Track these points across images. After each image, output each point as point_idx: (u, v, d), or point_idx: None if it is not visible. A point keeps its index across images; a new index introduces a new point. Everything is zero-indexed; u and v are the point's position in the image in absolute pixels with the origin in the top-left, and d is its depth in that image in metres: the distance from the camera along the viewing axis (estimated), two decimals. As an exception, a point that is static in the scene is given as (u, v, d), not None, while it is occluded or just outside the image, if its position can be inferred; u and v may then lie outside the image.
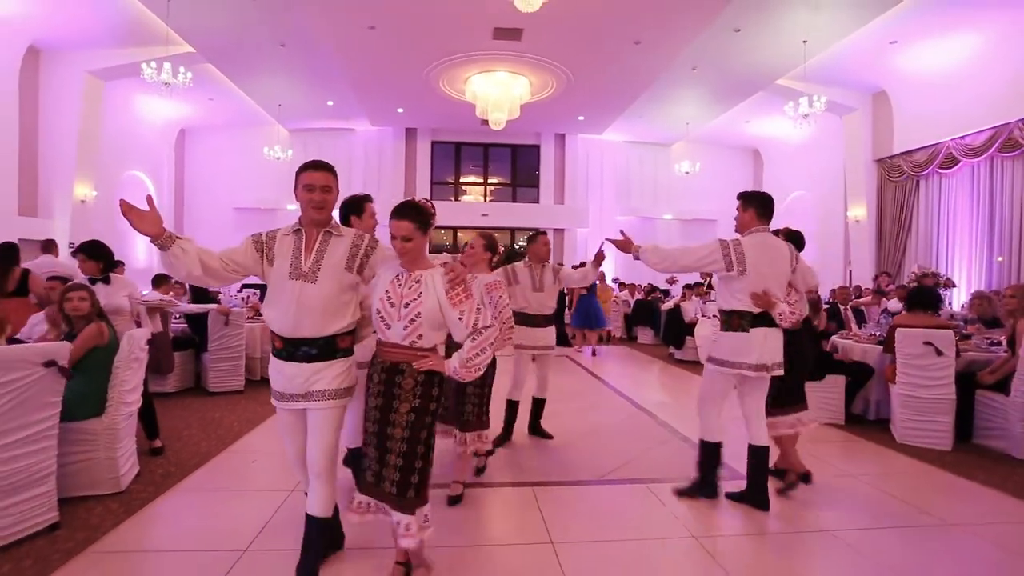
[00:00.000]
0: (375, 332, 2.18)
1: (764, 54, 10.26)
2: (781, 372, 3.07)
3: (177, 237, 2.00)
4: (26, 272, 4.69)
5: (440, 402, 2.15)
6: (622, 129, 15.53)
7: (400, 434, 2.04)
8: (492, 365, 3.21)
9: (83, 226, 10.73)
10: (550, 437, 4.33)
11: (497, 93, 11.39)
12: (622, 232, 3.41)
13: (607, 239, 3.41)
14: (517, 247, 16.30)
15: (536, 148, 16.86)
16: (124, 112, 12.62)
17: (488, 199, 17.30)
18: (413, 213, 2.07)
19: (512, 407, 4.20)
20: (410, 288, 2.07)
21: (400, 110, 14.24)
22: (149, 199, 2.02)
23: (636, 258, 3.27)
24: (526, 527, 2.85)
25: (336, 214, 2.34)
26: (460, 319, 2.03)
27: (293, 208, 15.98)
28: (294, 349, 2.10)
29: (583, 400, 5.87)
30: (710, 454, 3.20)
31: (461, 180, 17.31)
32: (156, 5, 8.54)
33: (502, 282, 3.41)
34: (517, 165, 17.27)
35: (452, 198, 17.10)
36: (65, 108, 10.60)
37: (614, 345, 11.01)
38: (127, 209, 1.93)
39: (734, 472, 3.50)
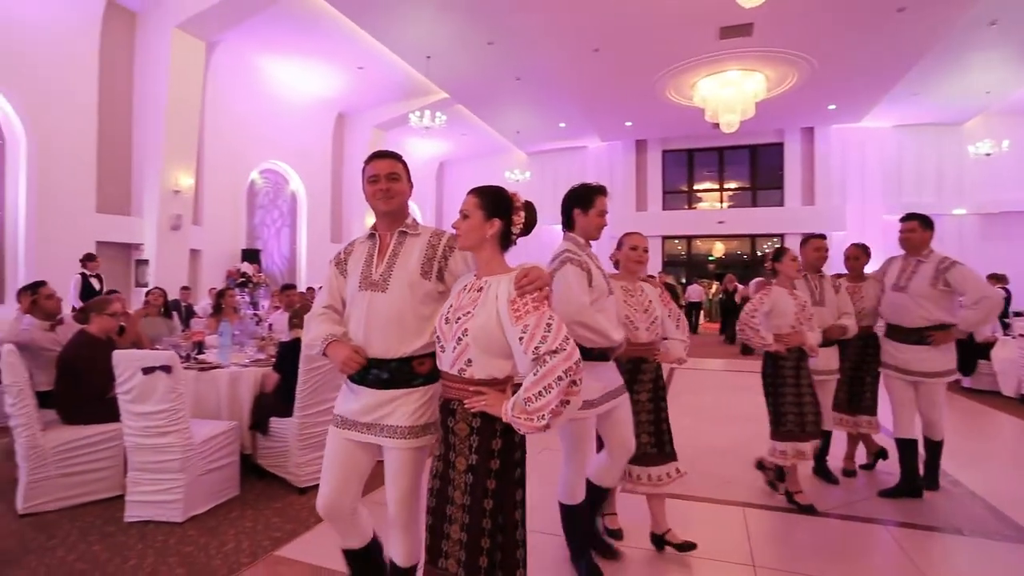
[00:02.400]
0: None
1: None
2: None
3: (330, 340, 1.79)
4: None
5: (512, 459, 1.53)
6: (888, 113, 13.20)
7: (460, 499, 1.49)
8: (660, 380, 2.63)
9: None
10: (934, 488, 3.44)
11: (728, 94, 10.79)
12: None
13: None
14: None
15: (779, 146, 15.37)
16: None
17: (725, 205, 16.32)
18: (483, 190, 1.64)
19: (905, 447, 3.38)
20: (470, 298, 1.57)
21: (628, 123, 14.45)
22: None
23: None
24: (729, 545, 2.71)
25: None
26: (520, 339, 1.43)
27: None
28: (364, 372, 1.73)
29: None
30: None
31: (695, 187, 16.70)
32: (418, 64, 10.35)
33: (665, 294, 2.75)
34: (757, 166, 15.98)
35: (686, 206, 16.61)
36: (360, 157, 13.45)
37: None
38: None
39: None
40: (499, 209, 1.61)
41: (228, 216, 10.80)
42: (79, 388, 3.16)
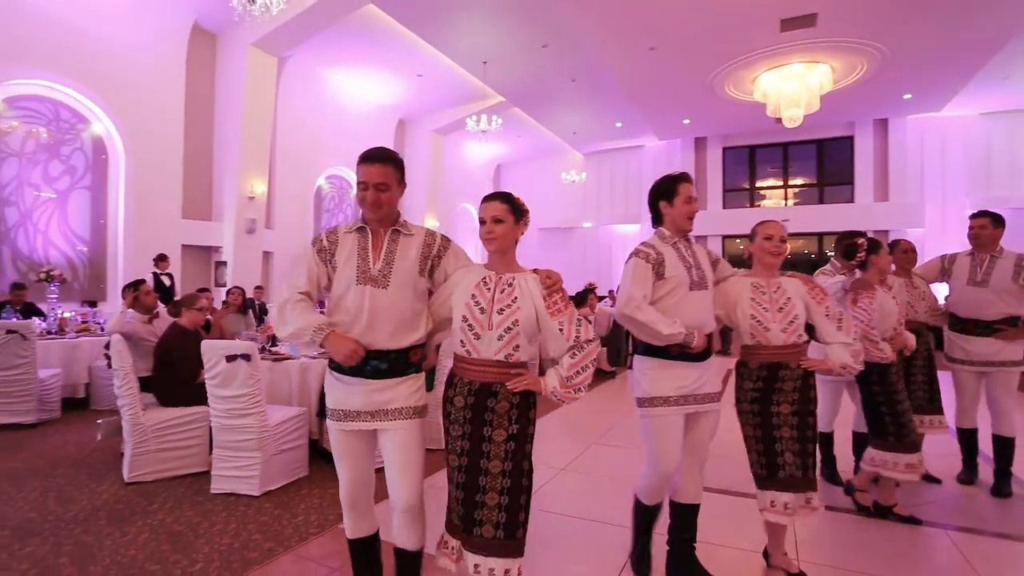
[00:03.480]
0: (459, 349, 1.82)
1: None
2: None
3: (321, 329, 1.79)
4: None
5: (535, 424, 1.81)
6: (973, 100, 12.33)
7: (500, 467, 1.69)
8: (810, 391, 2.31)
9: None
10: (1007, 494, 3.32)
11: (790, 87, 10.42)
12: None
13: None
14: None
15: (848, 140, 14.64)
16: (456, 158, 15.86)
17: (790, 203, 15.73)
18: (505, 197, 1.84)
19: (970, 435, 3.53)
20: (503, 292, 1.77)
21: (686, 121, 14.20)
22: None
23: None
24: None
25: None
26: (560, 330, 1.74)
27: (589, 225, 17.54)
28: (362, 363, 1.80)
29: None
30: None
31: (757, 185, 16.18)
32: (475, 69, 10.63)
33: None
34: (824, 162, 15.27)
35: (747, 204, 16.12)
36: (419, 161, 13.95)
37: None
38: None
39: None
40: (520, 213, 1.85)
41: (297, 220, 11.47)
42: (172, 374, 3.56)
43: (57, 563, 2.44)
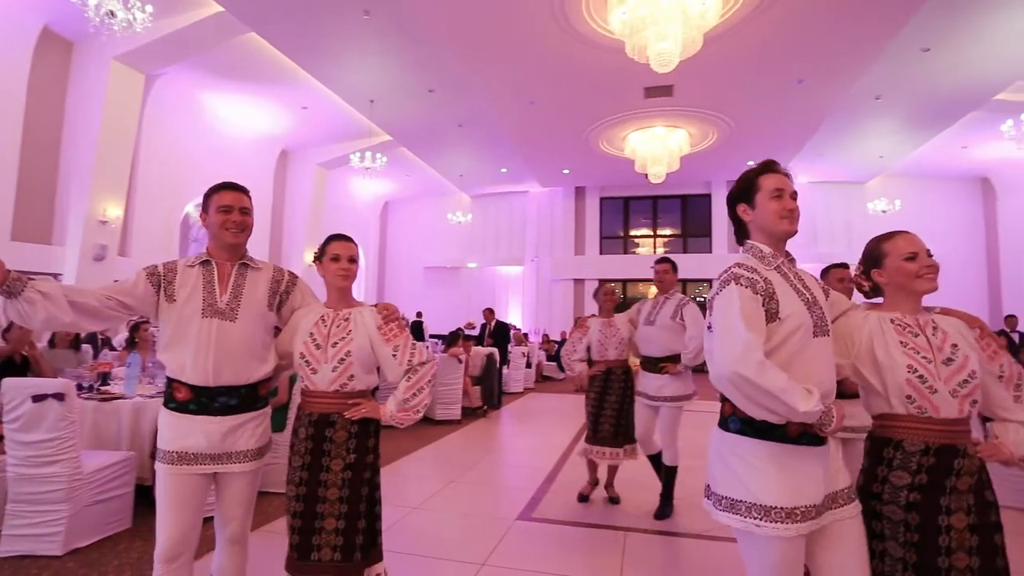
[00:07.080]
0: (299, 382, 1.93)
1: (970, 70, 8.91)
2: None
3: (29, 279, 1.57)
4: None
5: (378, 452, 1.91)
6: (802, 170, 14.39)
7: (336, 495, 1.79)
8: (985, 490, 1.44)
9: (310, 285, 13.43)
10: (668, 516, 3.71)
11: (654, 147, 11.57)
12: None
13: None
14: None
15: (707, 197, 16.41)
16: (342, 193, 15.59)
17: (660, 251, 17.16)
18: (352, 240, 2.04)
19: (652, 462, 3.90)
20: (338, 327, 1.88)
21: (566, 171, 15.13)
22: None
23: None
24: (599, 568, 2.90)
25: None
26: (394, 355, 1.86)
27: (474, 266, 17.84)
28: (209, 400, 1.77)
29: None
30: None
31: (631, 233, 17.51)
32: (362, 107, 10.67)
33: None
34: (687, 216, 16.97)
35: (622, 251, 17.35)
36: (301, 194, 13.53)
37: None
38: None
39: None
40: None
41: (159, 248, 10.54)
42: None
43: None
